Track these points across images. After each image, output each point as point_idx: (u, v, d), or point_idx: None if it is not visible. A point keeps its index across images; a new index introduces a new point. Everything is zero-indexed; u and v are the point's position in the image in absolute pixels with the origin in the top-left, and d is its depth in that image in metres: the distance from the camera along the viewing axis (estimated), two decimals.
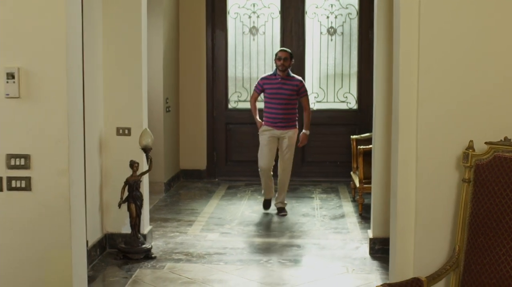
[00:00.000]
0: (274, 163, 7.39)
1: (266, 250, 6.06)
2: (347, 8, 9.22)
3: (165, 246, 6.10)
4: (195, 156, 9.48)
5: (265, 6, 9.31)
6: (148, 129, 5.72)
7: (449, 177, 3.23)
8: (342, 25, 9.25)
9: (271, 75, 7.41)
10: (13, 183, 3.37)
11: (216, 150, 9.51)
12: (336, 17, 9.25)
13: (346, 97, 9.37)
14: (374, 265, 5.61)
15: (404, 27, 3.25)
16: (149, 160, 5.71)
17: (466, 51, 3.18)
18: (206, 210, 7.65)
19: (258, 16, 9.33)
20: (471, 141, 3.11)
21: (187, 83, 9.37)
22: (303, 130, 7.43)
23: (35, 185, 3.38)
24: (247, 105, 9.43)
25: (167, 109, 8.59)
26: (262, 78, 7.48)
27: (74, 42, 3.42)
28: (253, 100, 7.51)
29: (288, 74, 7.32)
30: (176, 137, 9.28)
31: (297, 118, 7.35)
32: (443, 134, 3.22)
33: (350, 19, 9.24)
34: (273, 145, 7.34)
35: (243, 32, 9.36)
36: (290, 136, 7.30)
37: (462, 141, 3.19)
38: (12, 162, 3.36)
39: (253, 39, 9.37)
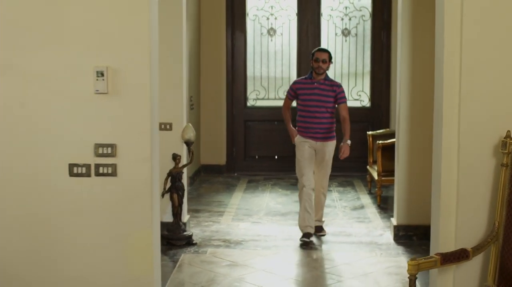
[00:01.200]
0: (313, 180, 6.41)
1: (297, 237, 6.48)
2: (360, 10, 9.68)
3: (203, 234, 6.53)
4: (215, 151, 9.91)
5: (282, 9, 9.75)
6: (190, 125, 6.15)
7: (487, 162, 3.68)
8: (356, 27, 9.71)
9: (305, 78, 6.46)
10: (101, 170, 3.79)
11: (235, 146, 9.95)
12: (350, 19, 9.70)
13: (360, 95, 9.83)
14: (399, 249, 6.06)
15: (448, 27, 3.67)
16: (190, 153, 6.14)
17: (505, 50, 3.62)
18: (232, 202, 8.09)
19: (275, 18, 9.77)
20: (509, 131, 3.56)
21: (208, 82, 9.80)
22: (345, 140, 6.31)
23: (120, 171, 3.79)
24: (265, 103, 9.91)
25: (191, 107, 9.02)
26: (295, 82, 6.58)
27: (154, 44, 3.85)
28: (286, 107, 6.60)
29: (326, 78, 6.38)
30: (197, 133, 9.70)
31: (335, 128, 6.43)
32: (483, 125, 3.67)
33: (364, 21, 9.70)
34: (312, 157, 6.37)
35: (261, 33, 9.80)
36: (329, 151, 6.36)
37: (499, 132, 3.64)
38: (100, 151, 3.77)
39: (271, 40, 9.81)
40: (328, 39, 9.73)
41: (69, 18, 3.73)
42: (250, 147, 9.96)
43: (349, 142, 6.32)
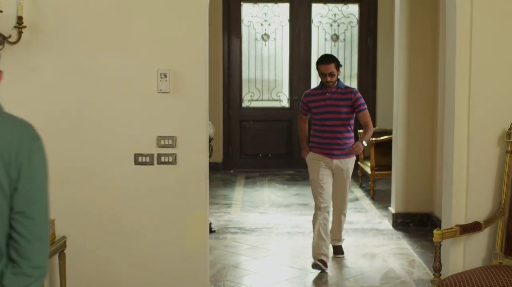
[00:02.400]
0: (331, 201, 5.74)
1: (305, 224, 7.10)
2: (348, 17, 10.37)
3: (218, 223, 7.11)
4: (213, 150, 10.48)
5: (275, 15, 10.38)
6: (210, 122, 6.72)
7: (493, 150, 4.34)
8: (344, 33, 10.39)
9: (316, 89, 5.71)
10: (162, 159, 4.36)
11: (231, 145, 10.54)
12: (338, 25, 10.38)
13: None
14: (399, 234, 6.74)
15: (459, 33, 4.32)
16: (210, 148, 6.71)
17: (510, 53, 4.30)
18: (236, 195, 8.68)
19: (269, 24, 10.40)
20: None
21: None
22: (361, 140, 5.44)
23: (179, 160, 4.37)
24: (259, 104, 10.52)
25: None
26: (306, 95, 5.75)
27: (207, 50, 4.45)
28: (302, 123, 5.86)
29: (339, 85, 5.58)
30: None
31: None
32: (489, 119, 4.34)
33: (351, 27, 10.39)
34: (329, 177, 5.59)
35: (256, 39, 10.42)
36: (347, 169, 5.62)
37: (504, 124, 4.31)
38: (162, 142, 4.35)
39: (265, 45, 10.43)
40: (318, 44, 10.39)
41: (135, 28, 4.30)
42: (246, 145, 10.56)
43: (365, 143, 5.44)
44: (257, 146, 10.51)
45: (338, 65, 5.58)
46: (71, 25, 4.30)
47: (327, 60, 5.56)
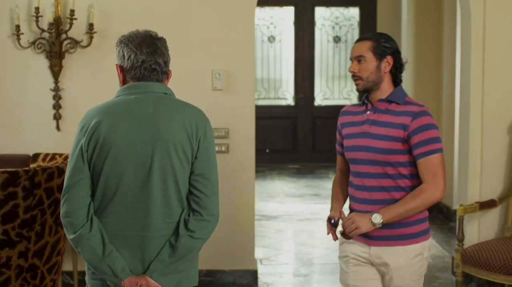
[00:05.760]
0: None
1: (321, 211, 7.74)
2: (349, 20, 11.02)
3: None
4: None
5: (281, 18, 11.00)
6: None
7: (503, 138, 5.00)
8: (346, 34, 11.04)
9: (356, 104, 3.12)
10: (217, 148, 4.91)
11: None
12: (340, 27, 11.03)
13: (349, 94, 11.16)
14: None
15: (474, 36, 4.96)
16: None
17: None
18: None
19: (275, 27, 11.02)
20: None
21: None
22: (374, 215, 2.83)
23: (231, 149, 4.98)
24: (266, 102, 11.14)
25: None
26: (342, 113, 3.17)
27: (254, 52, 5.06)
28: (338, 173, 3.25)
29: (392, 98, 2.93)
30: None
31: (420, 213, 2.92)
32: (500, 110, 4.99)
33: (352, 29, 11.05)
34: (372, 282, 3.01)
35: (262, 40, 11.03)
36: (401, 266, 2.91)
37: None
38: (216, 133, 4.94)
39: (271, 46, 11.05)
40: (321, 45, 11.03)
41: (192, 32, 4.90)
42: None
43: (379, 220, 2.83)
44: (264, 142, 11.09)
45: (381, 49, 2.92)
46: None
47: (362, 37, 3.03)
